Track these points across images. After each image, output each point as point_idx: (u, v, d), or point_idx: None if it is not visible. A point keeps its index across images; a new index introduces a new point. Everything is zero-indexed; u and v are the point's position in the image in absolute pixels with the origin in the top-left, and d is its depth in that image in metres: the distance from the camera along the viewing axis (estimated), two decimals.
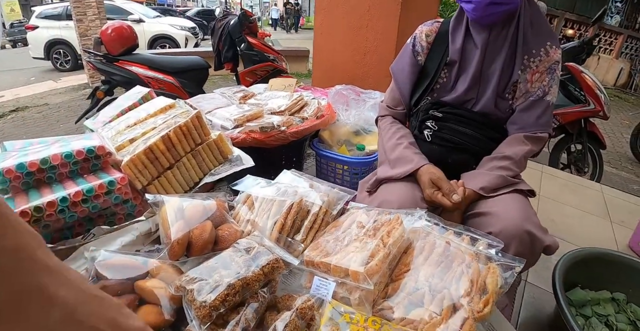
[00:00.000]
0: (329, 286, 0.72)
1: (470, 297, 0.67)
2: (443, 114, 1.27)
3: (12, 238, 0.26)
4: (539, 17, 1.22)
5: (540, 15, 1.23)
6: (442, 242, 0.78)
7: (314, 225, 0.90)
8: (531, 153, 1.22)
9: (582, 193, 2.49)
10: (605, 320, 1.39)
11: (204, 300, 0.66)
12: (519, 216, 1.02)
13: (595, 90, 3.24)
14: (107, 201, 1.08)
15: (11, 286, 0.25)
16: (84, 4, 6.43)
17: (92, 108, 3.33)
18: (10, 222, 0.27)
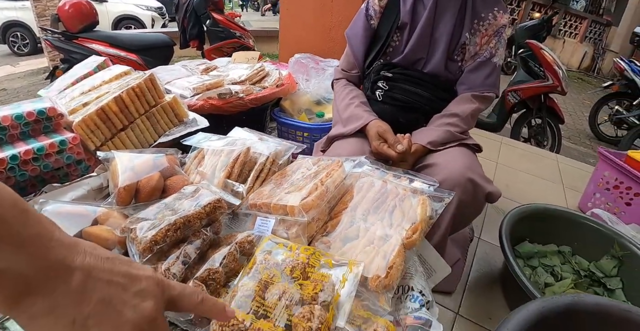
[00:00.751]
0: (269, 223, 0.75)
1: (401, 227, 0.71)
2: (393, 74, 1.31)
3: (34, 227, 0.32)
4: None
5: None
6: (379, 181, 0.83)
7: (261, 174, 0.93)
8: (478, 111, 1.28)
9: (538, 161, 2.61)
10: (551, 270, 1.49)
11: (145, 235, 0.68)
12: (462, 166, 1.07)
13: (553, 66, 3.36)
14: (59, 160, 1.08)
15: (40, 264, 0.31)
16: None
17: None
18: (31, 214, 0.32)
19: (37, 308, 0.31)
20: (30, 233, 0.32)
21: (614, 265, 1.47)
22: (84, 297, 0.33)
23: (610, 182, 1.94)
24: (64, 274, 0.33)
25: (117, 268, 0.37)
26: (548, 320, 0.85)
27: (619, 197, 1.89)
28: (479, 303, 1.33)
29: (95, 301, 0.34)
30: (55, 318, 0.32)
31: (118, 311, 0.35)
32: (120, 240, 0.77)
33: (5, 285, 0.30)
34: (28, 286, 0.31)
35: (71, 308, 0.32)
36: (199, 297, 0.42)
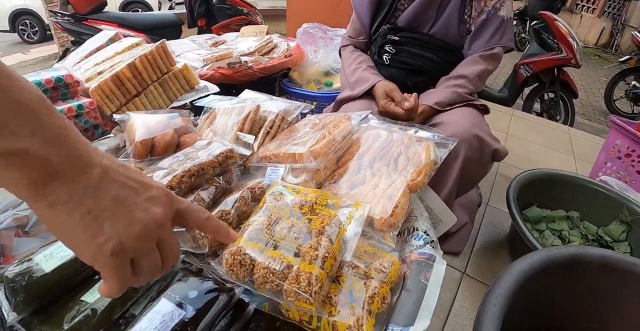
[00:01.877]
0: (279, 171, 0.78)
1: (407, 170, 0.73)
2: (400, 38, 1.31)
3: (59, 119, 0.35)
4: None
5: None
6: (385, 132, 0.85)
7: (271, 130, 0.96)
8: (486, 72, 1.27)
9: (549, 133, 2.59)
10: (559, 234, 1.50)
11: (161, 181, 0.72)
12: (469, 123, 1.09)
13: (568, 38, 3.28)
14: (77, 124, 1.12)
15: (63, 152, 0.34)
16: None
17: None
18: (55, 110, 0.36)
19: (58, 195, 0.34)
20: (56, 124, 0.35)
21: (622, 229, 1.48)
22: (101, 192, 0.36)
23: (622, 151, 1.92)
24: (84, 167, 0.36)
25: (131, 174, 0.40)
26: (552, 270, 0.88)
27: (631, 166, 1.87)
28: (485, 263, 1.36)
29: (110, 198, 0.37)
30: (73, 206, 0.35)
31: (130, 210, 0.38)
32: None
33: (33, 166, 0.33)
34: (52, 172, 0.34)
35: (88, 200, 0.36)
36: (205, 215, 0.46)
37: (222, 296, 0.56)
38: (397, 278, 0.60)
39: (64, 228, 0.36)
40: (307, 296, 0.49)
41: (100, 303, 0.57)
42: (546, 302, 0.93)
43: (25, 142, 0.33)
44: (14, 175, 0.33)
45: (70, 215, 0.35)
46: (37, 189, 0.34)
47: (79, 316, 0.56)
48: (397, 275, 0.60)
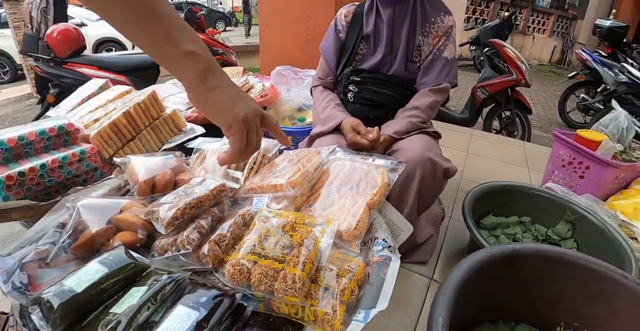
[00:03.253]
0: (264, 200, 0.95)
1: (366, 192, 0.92)
2: (361, 78, 1.53)
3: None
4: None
5: None
6: (349, 162, 1.03)
7: (254, 166, 1.13)
8: (436, 102, 1.49)
9: (506, 149, 2.85)
10: (513, 237, 1.70)
11: (167, 213, 0.88)
12: (421, 148, 1.29)
13: (516, 62, 3.63)
14: (80, 168, 1.27)
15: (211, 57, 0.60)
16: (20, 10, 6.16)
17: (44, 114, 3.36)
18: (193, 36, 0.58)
19: (212, 83, 0.59)
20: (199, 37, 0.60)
21: (568, 228, 1.69)
22: (232, 85, 0.63)
23: (565, 159, 2.17)
24: (217, 65, 0.61)
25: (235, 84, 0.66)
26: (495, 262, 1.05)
27: (574, 172, 2.12)
28: (449, 269, 1.53)
29: (235, 91, 0.63)
30: (220, 91, 0.60)
31: (246, 100, 0.64)
32: (144, 223, 0.97)
33: (200, 63, 0.57)
34: (209, 68, 0.58)
35: (227, 87, 0.61)
36: (275, 121, 0.73)
37: (226, 300, 0.71)
38: (362, 276, 0.77)
39: (215, 104, 0.60)
40: (293, 292, 0.66)
41: (127, 312, 0.71)
42: (495, 291, 1.10)
43: (195, 47, 0.56)
44: (190, 68, 0.56)
45: (220, 95, 0.60)
46: (202, 79, 0.58)
47: (110, 324, 0.70)
48: (362, 274, 0.77)
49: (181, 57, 0.55)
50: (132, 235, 0.95)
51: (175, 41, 0.54)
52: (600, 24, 5.63)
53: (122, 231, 0.97)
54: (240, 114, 0.61)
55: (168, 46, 0.54)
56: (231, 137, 0.64)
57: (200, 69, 0.57)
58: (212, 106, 0.60)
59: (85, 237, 0.94)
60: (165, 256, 0.87)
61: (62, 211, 1.09)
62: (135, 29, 0.52)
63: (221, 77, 0.60)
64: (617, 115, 2.27)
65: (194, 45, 0.56)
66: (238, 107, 0.61)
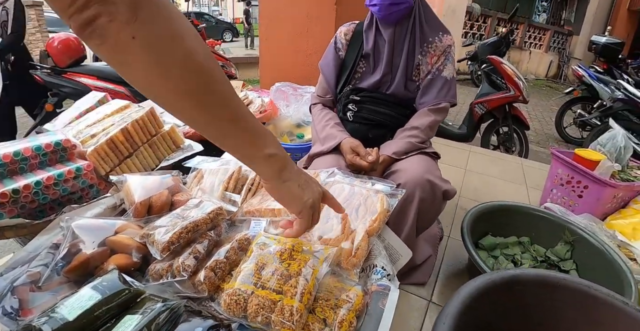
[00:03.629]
0: (261, 224, 0.94)
1: (365, 219, 0.91)
2: (361, 98, 1.53)
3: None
4: (430, 13, 1.50)
5: (431, 12, 1.51)
6: (349, 186, 1.03)
7: (252, 187, 1.12)
8: (436, 122, 1.49)
9: (504, 166, 2.85)
10: (512, 258, 1.69)
11: (163, 238, 0.86)
12: (421, 169, 1.28)
13: (514, 78, 3.66)
14: (76, 185, 1.25)
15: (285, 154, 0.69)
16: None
17: (41, 122, 3.34)
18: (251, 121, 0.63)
19: (286, 176, 0.67)
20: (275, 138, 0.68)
21: (567, 249, 1.68)
22: (301, 175, 0.72)
23: (563, 178, 2.17)
24: (291, 162, 0.70)
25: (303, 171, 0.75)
26: (495, 288, 1.04)
27: (572, 191, 2.12)
28: (448, 291, 1.52)
29: (304, 179, 0.72)
30: (292, 182, 0.69)
31: (311, 186, 0.74)
32: (139, 245, 0.95)
33: (279, 162, 0.66)
34: (284, 165, 0.67)
35: (297, 178, 0.70)
36: (331, 196, 0.81)
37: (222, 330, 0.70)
38: (361, 306, 0.75)
39: (288, 194, 0.69)
40: (290, 324, 0.64)
41: None
42: (495, 318, 1.09)
43: (275, 149, 0.64)
44: (271, 167, 0.66)
45: (292, 186, 0.69)
46: (278, 174, 0.67)
47: None
48: (361, 304, 0.75)
49: (262, 160, 0.64)
50: (127, 258, 0.93)
51: (258, 146, 0.62)
52: (596, 40, 5.70)
53: (117, 253, 0.96)
54: (309, 202, 0.72)
55: (252, 149, 0.63)
56: (300, 219, 0.74)
57: (277, 168, 0.66)
58: (286, 195, 0.70)
59: (79, 259, 0.92)
60: (160, 282, 0.85)
61: (56, 231, 1.07)
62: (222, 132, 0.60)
63: (292, 170, 0.69)
64: (615, 134, 2.28)
65: (273, 148, 0.64)
66: (307, 194, 0.71)
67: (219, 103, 0.56)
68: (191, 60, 0.50)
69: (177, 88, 0.51)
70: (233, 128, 0.59)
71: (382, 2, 1.37)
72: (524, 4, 10.90)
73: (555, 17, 12.55)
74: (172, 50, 0.48)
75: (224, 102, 0.56)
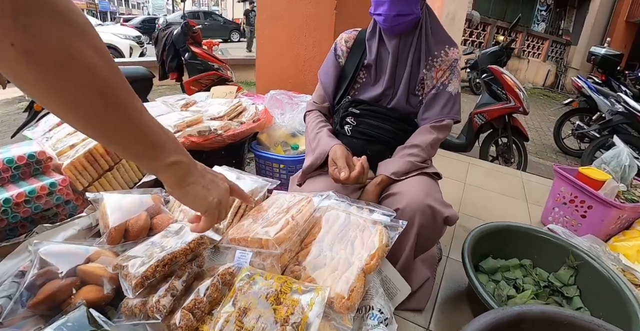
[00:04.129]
0: (247, 255, 0.85)
1: (361, 255, 0.82)
2: (360, 111, 1.44)
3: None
4: (437, 25, 1.42)
5: (438, 24, 1.43)
6: (344, 214, 0.94)
7: (239, 210, 1.03)
8: (437, 140, 1.41)
9: (503, 179, 2.78)
10: (514, 283, 1.61)
11: (137, 271, 0.77)
12: (421, 193, 1.20)
13: (514, 89, 3.59)
14: (49, 202, 1.15)
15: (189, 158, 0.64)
16: None
17: (30, 122, 3.23)
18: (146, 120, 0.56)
19: (190, 180, 0.64)
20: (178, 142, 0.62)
21: (570, 274, 1.60)
22: (204, 176, 0.68)
23: (566, 197, 2.10)
24: (195, 165, 0.66)
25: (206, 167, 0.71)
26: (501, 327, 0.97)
27: (575, 210, 2.05)
28: (447, 318, 1.43)
29: (208, 178, 0.69)
30: (197, 184, 0.65)
31: (217, 184, 0.70)
32: (112, 276, 0.86)
33: (183, 169, 0.62)
34: (188, 170, 0.63)
35: (201, 179, 0.67)
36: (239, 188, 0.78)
37: None
38: None
39: (194, 196, 0.65)
40: None
41: None
42: None
43: (178, 156, 0.60)
44: (175, 175, 0.62)
45: (196, 188, 0.65)
46: (182, 180, 0.63)
47: None
48: None
49: (166, 168, 0.60)
50: (98, 291, 0.84)
51: (160, 156, 0.58)
52: (595, 51, 5.66)
53: (87, 285, 0.87)
54: (214, 201, 0.69)
55: (155, 161, 0.59)
56: (206, 217, 0.71)
57: (181, 174, 0.63)
58: (191, 198, 0.66)
59: (45, 292, 0.83)
60: (132, 322, 0.76)
61: (24, 255, 0.98)
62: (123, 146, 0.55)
63: (195, 172, 0.66)
64: (619, 151, 2.22)
65: (176, 155, 0.60)
66: (212, 193, 0.69)
67: (119, 125, 0.51)
68: (89, 77, 0.44)
69: (69, 106, 0.46)
70: (134, 144, 0.55)
71: (388, 13, 1.29)
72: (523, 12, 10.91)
73: (554, 27, 12.56)
74: (65, 66, 0.42)
75: (125, 123, 0.51)
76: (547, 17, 12.35)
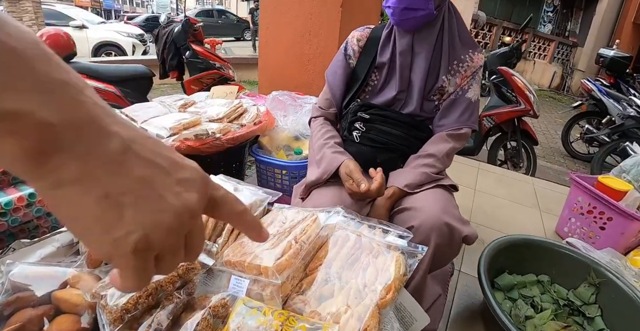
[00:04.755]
0: (243, 283, 0.74)
1: (375, 286, 0.71)
2: (370, 116, 1.33)
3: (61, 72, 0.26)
4: (463, 28, 1.31)
5: (464, 26, 1.32)
6: (354, 235, 0.83)
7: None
8: (454, 150, 1.30)
9: (514, 186, 2.67)
10: (531, 301, 1.50)
11: (115, 303, 0.67)
12: (438, 209, 1.09)
13: (525, 91, 3.48)
14: (28, 214, 1.05)
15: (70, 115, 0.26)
16: (19, 9, 6.01)
17: None
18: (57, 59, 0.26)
19: (67, 172, 0.26)
20: (56, 78, 0.26)
21: (591, 292, 1.50)
22: (122, 170, 0.28)
23: (584, 207, 2.00)
24: (99, 135, 0.27)
25: (160, 149, 0.31)
26: None
27: (594, 222, 1.94)
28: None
29: (134, 178, 0.28)
30: (86, 188, 0.26)
31: (159, 194, 0.29)
32: (91, 305, 0.75)
33: (30, 133, 0.24)
34: (56, 139, 0.25)
35: (105, 178, 0.27)
36: (242, 207, 0.36)
37: None
38: None
39: (73, 215, 0.27)
40: None
41: None
42: None
43: (17, 102, 0.24)
44: (7, 147, 0.25)
45: (82, 199, 0.26)
46: (42, 161, 0.25)
47: None
48: None
49: None
50: (74, 323, 0.74)
51: None
52: (604, 53, 5.56)
53: (63, 314, 0.76)
54: (130, 239, 0.27)
55: None
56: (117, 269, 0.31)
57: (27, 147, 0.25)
58: (63, 217, 0.28)
59: (13, 324, 0.73)
60: None
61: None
62: None
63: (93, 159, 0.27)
64: (639, 159, 2.11)
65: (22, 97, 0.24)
66: (127, 221, 0.28)
67: None
68: None
69: None
70: None
71: (397, 6, 1.19)
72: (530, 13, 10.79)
73: (561, 28, 12.41)
74: None
75: None
76: (554, 18, 12.22)
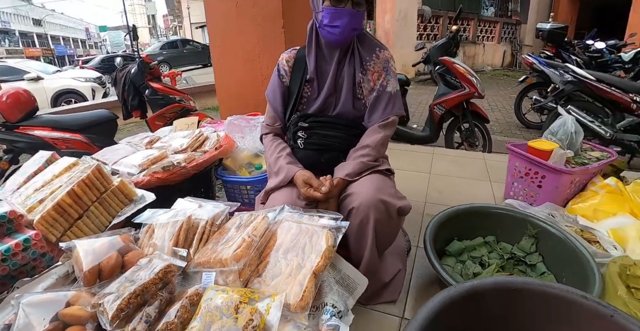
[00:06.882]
0: (211, 276, 0.94)
1: (311, 258, 0.92)
2: (309, 124, 1.54)
3: None
4: (365, 35, 1.55)
5: (365, 34, 1.56)
6: (295, 224, 1.04)
7: (203, 236, 1.12)
8: (386, 137, 1.51)
9: (466, 164, 2.91)
10: (480, 260, 1.71)
11: (111, 306, 0.85)
12: (373, 189, 1.30)
13: (467, 76, 3.76)
14: (25, 257, 1.22)
15: None
16: None
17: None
18: None
19: None
20: None
21: (531, 243, 1.70)
22: None
23: (521, 171, 2.23)
24: None
25: None
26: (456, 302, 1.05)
27: (532, 182, 2.18)
28: (421, 305, 1.51)
29: None
30: None
31: None
32: (92, 315, 0.93)
33: None
34: None
35: None
36: None
37: None
38: None
39: None
40: None
41: None
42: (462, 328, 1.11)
43: None
44: None
45: None
46: None
47: None
48: None
49: None
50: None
51: None
52: (542, 27, 5.95)
53: (71, 326, 0.94)
54: None
55: None
56: None
57: None
58: None
59: None
60: None
61: (8, 310, 1.04)
62: None
63: None
64: (565, 120, 2.36)
65: None
66: None
67: None
68: None
69: None
70: None
71: (347, 27, 1.39)
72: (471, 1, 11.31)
73: (503, 9, 13.04)
74: None
75: None
76: (495, 1, 12.81)
